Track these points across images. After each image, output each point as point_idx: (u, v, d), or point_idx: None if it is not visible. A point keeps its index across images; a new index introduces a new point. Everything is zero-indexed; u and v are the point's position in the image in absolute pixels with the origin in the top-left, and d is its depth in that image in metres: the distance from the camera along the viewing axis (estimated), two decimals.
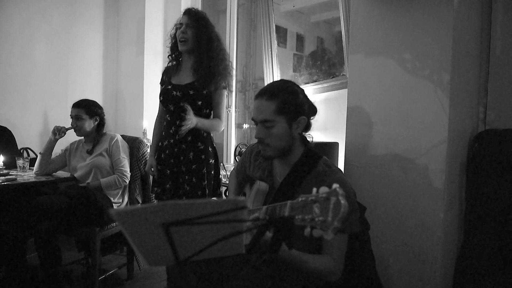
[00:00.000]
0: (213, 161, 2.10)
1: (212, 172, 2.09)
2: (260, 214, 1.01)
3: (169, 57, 2.17)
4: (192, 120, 1.87)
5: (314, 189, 0.83)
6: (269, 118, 1.27)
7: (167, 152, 2.08)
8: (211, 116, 2.13)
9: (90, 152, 2.42)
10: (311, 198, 0.82)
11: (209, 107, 2.09)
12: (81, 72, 3.49)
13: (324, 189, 0.81)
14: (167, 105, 2.07)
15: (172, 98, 2.04)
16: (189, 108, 1.89)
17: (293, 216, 0.84)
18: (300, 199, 0.85)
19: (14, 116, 3.05)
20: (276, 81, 1.58)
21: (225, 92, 2.12)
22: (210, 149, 2.10)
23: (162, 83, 2.18)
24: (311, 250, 1.16)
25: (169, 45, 2.16)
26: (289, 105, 1.27)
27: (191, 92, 2.01)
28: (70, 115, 2.42)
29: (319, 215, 0.78)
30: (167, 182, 2.07)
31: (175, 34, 2.10)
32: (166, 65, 2.22)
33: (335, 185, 0.79)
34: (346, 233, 1.19)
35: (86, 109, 2.42)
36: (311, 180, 1.25)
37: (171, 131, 2.07)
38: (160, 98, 2.13)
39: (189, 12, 2.08)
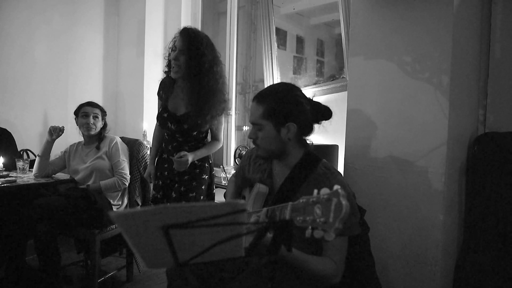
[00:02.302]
0: (206, 176, 2.10)
1: (203, 187, 2.09)
2: (260, 216, 1.01)
3: (165, 73, 2.09)
4: (188, 159, 1.94)
5: (315, 191, 0.83)
6: (256, 121, 1.29)
7: (165, 165, 2.11)
8: (208, 138, 2.14)
9: (98, 147, 2.42)
10: (312, 199, 0.82)
11: (204, 132, 2.10)
12: (81, 72, 3.49)
13: (325, 191, 0.81)
14: (164, 128, 2.10)
15: (168, 128, 2.06)
16: (182, 153, 1.95)
17: (294, 217, 0.84)
18: (301, 201, 0.85)
19: (14, 116, 3.05)
20: (274, 84, 1.58)
21: (223, 117, 2.09)
22: (206, 165, 2.11)
23: (159, 97, 2.15)
24: (311, 253, 1.16)
25: (166, 60, 2.05)
26: (275, 110, 1.26)
27: (186, 127, 2.00)
28: (84, 112, 2.41)
29: (321, 216, 0.78)
30: (160, 191, 2.12)
31: (169, 53, 2.00)
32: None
33: (336, 187, 0.79)
34: (346, 235, 1.19)
35: (101, 110, 2.48)
36: (310, 182, 1.25)
37: (169, 147, 2.09)
38: (157, 123, 2.15)
39: (184, 34, 1.93)
